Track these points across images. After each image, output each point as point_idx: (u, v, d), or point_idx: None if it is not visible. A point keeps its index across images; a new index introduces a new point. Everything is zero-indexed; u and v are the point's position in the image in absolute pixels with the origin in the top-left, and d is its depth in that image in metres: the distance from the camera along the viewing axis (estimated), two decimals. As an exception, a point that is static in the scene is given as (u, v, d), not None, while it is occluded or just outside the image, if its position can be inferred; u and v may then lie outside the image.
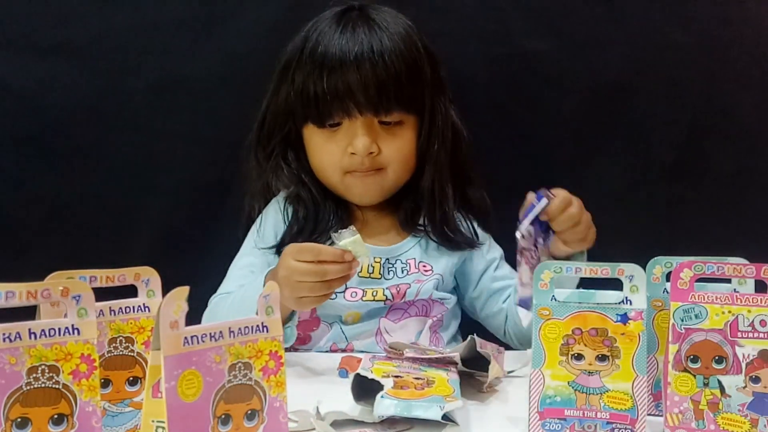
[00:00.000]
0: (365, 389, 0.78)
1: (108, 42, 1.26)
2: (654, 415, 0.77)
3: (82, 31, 1.26)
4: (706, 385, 0.72)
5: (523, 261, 0.95)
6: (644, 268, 0.75)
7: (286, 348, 1.07)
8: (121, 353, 0.67)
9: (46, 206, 1.28)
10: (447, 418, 0.75)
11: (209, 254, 1.29)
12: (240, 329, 0.57)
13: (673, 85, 1.29)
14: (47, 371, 0.53)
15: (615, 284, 0.74)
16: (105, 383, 0.66)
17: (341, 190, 1.13)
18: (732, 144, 1.30)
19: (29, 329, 0.52)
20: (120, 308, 0.67)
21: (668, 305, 0.74)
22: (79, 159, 1.28)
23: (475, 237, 1.17)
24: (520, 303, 0.96)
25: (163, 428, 0.52)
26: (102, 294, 0.63)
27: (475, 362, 0.88)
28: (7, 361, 0.51)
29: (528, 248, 0.95)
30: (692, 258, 0.74)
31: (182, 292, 0.53)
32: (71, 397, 0.54)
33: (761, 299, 0.72)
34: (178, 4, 1.27)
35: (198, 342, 0.54)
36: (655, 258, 0.80)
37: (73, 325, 0.54)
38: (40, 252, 1.26)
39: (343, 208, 1.14)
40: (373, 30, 1.07)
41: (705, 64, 1.29)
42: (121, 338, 0.67)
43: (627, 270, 0.73)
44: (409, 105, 1.09)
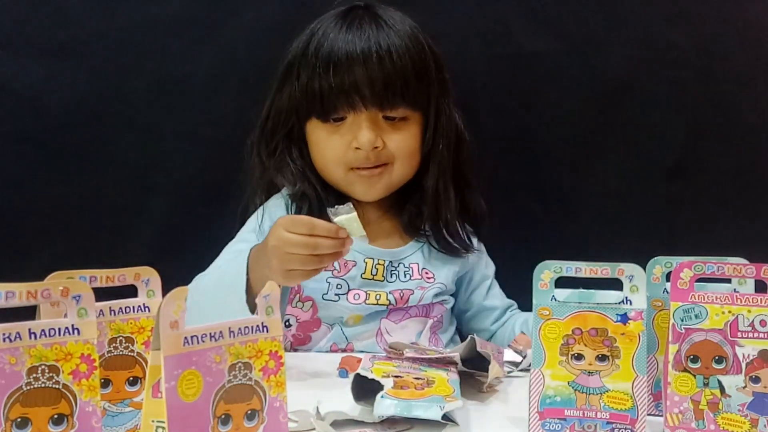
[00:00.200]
0: (365, 389, 0.78)
1: (108, 42, 1.26)
2: (654, 415, 0.77)
3: (82, 31, 1.26)
4: (706, 385, 0.72)
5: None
6: (644, 268, 0.75)
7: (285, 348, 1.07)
8: (121, 353, 0.67)
9: (46, 206, 1.28)
10: (447, 418, 0.75)
11: (209, 254, 1.29)
12: (240, 329, 0.57)
13: (673, 85, 1.29)
14: (47, 371, 0.53)
15: (615, 284, 0.74)
16: (105, 383, 0.66)
17: (344, 186, 1.12)
18: (732, 144, 1.30)
19: (29, 329, 0.52)
20: (120, 308, 0.67)
21: (668, 305, 0.74)
22: (79, 159, 1.28)
23: (470, 243, 1.17)
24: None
25: (163, 428, 0.52)
26: (102, 294, 0.63)
27: (475, 362, 0.88)
28: (7, 361, 0.51)
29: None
30: (692, 258, 0.74)
31: (182, 292, 0.53)
32: (71, 397, 0.54)
33: (761, 299, 0.72)
34: (178, 4, 1.27)
35: (198, 342, 0.54)
36: (655, 258, 0.80)
37: (73, 325, 0.54)
38: (40, 252, 1.26)
39: None
40: (381, 27, 1.08)
41: (705, 64, 1.29)
42: (121, 338, 0.67)
43: (627, 270, 0.73)
44: (415, 102, 1.09)
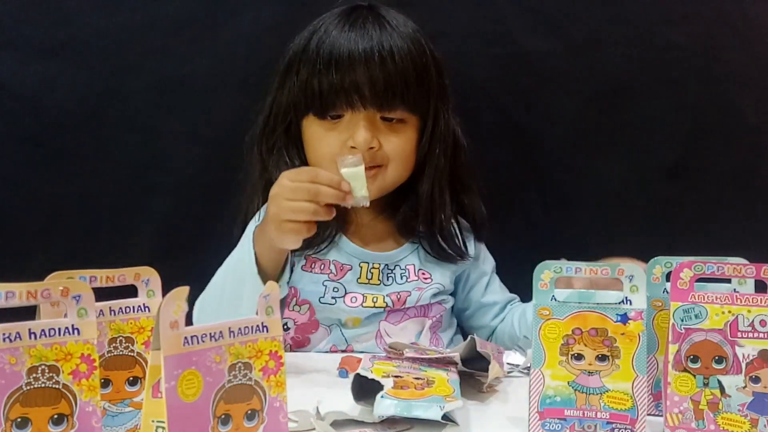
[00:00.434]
0: (365, 389, 0.78)
1: (108, 42, 1.26)
2: (654, 415, 0.77)
3: (82, 31, 1.26)
4: (706, 385, 0.72)
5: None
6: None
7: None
8: (121, 353, 0.67)
9: (46, 206, 1.28)
10: (447, 418, 0.75)
11: (209, 254, 1.28)
12: (240, 329, 0.57)
13: (673, 85, 1.29)
14: (47, 371, 0.53)
15: (615, 284, 0.74)
16: (105, 383, 0.66)
17: None
18: (732, 144, 1.30)
19: (29, 329, 0.52)
20: (120, 308, 0.67)
21: (668, 305, 0.74)
22: (79, 159, 1.28)
23: (465, 250, 1.16)
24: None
25: (163, 428, 0.52)
26: (102, 294, 0.63)
27: (475, 362, 0.88)
28: (7, 361, 0.51)
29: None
30: (692, 258, 0.74)
31: (182, 292, 0.53)
32: (71, 397, 0.54)
33: (761, 299, 0.72)
34: (178, 4, 1.27)
35: (198, 342, 0.54)
36: (655, 258, 0.80)
37: (73, 325, 0.54)
38: (40, 252, 1.26)
39: (340, 211, 1.14)
40: (384, 28, 1.08)
41: (705, 64, 1.29)
42: (121, 338, 0.67)
43: (627, 270, 0.73)
44: (413, 105, 1.08)
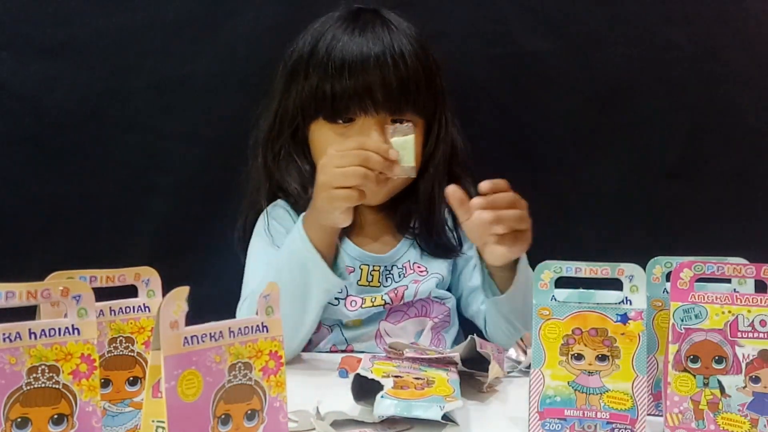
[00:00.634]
0: (365, 389, 0.78)
1: (108, 42, 1.26)
2: (654, 415, 0.77)
3: (82, 31, 1.26)
4: (706, 385, 0.72)
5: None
6: (644, 268, 0.75)
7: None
8: (121, 353, 0.67)
9: (46, 206, 1.28)
10: (447, 418, 0.75)
11: (209, 254, 1.29)
12: (240, 329, 0.57)
13: (673, 85, 1.29)
14: (47, 371, 0.53)
15: (615, 284, 0.74)
16: (105, 383, 0.66)
17: None
18: (732, 144, 1.30)
19: (29, 329, 0.52)
20: (120, 308, 0.67)
21: (668, 305, 0.74)
22: (79, 159, 1.28)
23: (459, 242, 1.16)
24: None
25: (163, 428, 0.52)
26: (102, 294, 0.63)
27: (475, 362, 0.88)
28: (7, 361, 0.51)
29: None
30: (692, 258, 0.74)
31: (182, 292, 0.53)
32: (71, 397, 0.54)
33: (761, 299, 0.72)
34: (178, 4, 1.27)
35: (198, 342, 0.54)
36: (655, 258, 0.80)
37: (73, 325, 0.54)
38: (40, 252, 1.26)
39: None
40: (392, 31, 1.08)
41: (705, 64, 1.29)
42: (121, 338, 0.67)
43: (627, 270, 0.73)
44: (422, 108, 1.09)
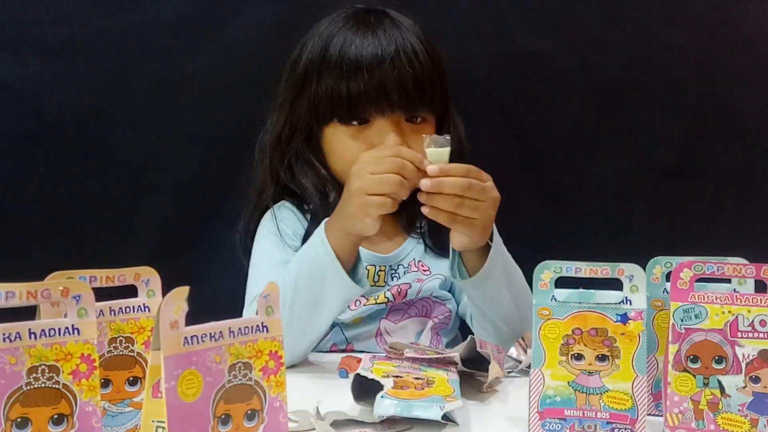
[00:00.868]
0: (365, 389, 0.78)
1: (108, 42, 1.26)
2: (654, 415, 0.77)
3: (83, 31, 1.26)
4: (706, 385, 0.72)
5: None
6: (644, 268, 0.75)
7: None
8: (121, 353, 0.67)
9: (46, 206, 1.28)
10: (447, 418, 0.75)
11: (209, 254, 1.29)
12: (240, 329, 0.57)
13: (673, 85, 1.29)
14: (47, 371, 0.53)
15: (615, 284, 0.74)
16: (105, 383, 0.66)
17: None
18: (732, 144, 1.30)
19: (29, 329, 0.52)
20: (120, 308, 0.67)
21: (668, 305, 0.74)
22: (79, 159, 1.28)
23: None
24: None
25: (163, 428, 0.52)
26: (102, 294, 0.62)
27: (475, 362, 0.88)
28: (7, 361, 0.51)
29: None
30: (692, 258, 0.74)
31: (182, 292, 0.53)
32: (71, 397, 0.54)
33: (761, 299, 0.72)
34: (178, 4, 1.27)
35: (198, 342, 0.54)
36: (655, 258, 0.80)
37: (73, 325, 0.54)
38: (40, 252, 1.26)
39: None
40: (401, 30, 1.08)
41: (705, 64, 1.29)
42: (121, 338, 0.67)
43: (627, 270, 0.73)
44: (434, 105, 1.10)
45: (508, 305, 1.02)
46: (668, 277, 0.76)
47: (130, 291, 0.68)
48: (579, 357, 0.73)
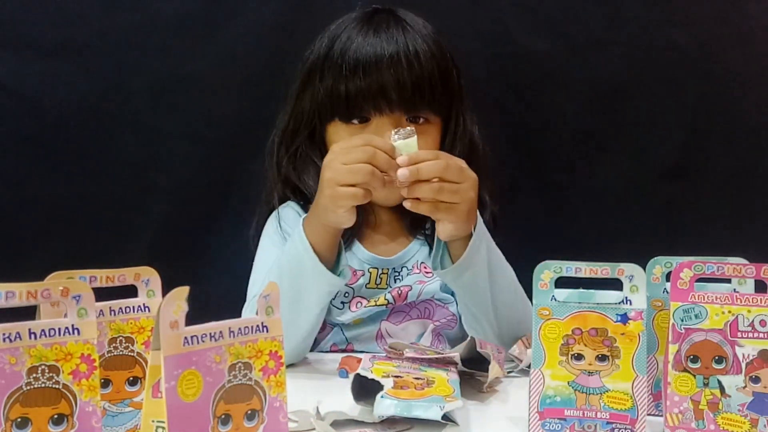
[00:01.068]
0: (365, 389, 0.78)
1: (108, 42, 1.26)
2: (654, 415, 0.77)
3: (82, 31, 1.26)
4: (706, 385, 0.72)
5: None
6: (644, 268, 0.75)
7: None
8: (121, 353, 0.67)
9: (46, 206, 1.28)
10: (447, 418, 0.75)
11: (209, 254, 1.29)
12: (240, 329, 0.57)
13: (673, 85, 1.29)
14: (47, 371, 0.53)
15: (615, 284, 0.74)
16: (105, 383, 0.66)
17: None
18: (732, 144, 1.30)
19: (29, 329, 0.52)
20: (120, 308, 0.67)
21: (668, 305, 0.74)
22: (79, 159, 1.28)
23: None
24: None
25: (163, 428, 0.52)
26: (102, 294, 0.63)
27: (475, 362, 0.88)
28: (7, 361, 0.51)
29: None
30: (692, 258, 0.74)
31: (182, 292, 0.53)
32: (71, 397, 0.54)
33: (761, 299, 0.72)
34: (179, 4, 1.27)
35: (198, 342, 0.54)
36: (655, 258, 0.80)
37: (73, 325, 0.54)
38: (40, 252, 1.26)
39: (360, 209, 1.13)
40: (407, 31, 1.08)
41: (705, 64, 1.29)
42: (121, 338, 0.67)
43: (627, 270, 0.73)
44: (438, 107, 1.09)
45: (489, 299, 1.00)
46: (668, 277, 0.76)
47: (130, 291, 0.68)
48: (579, 357, 0.73)
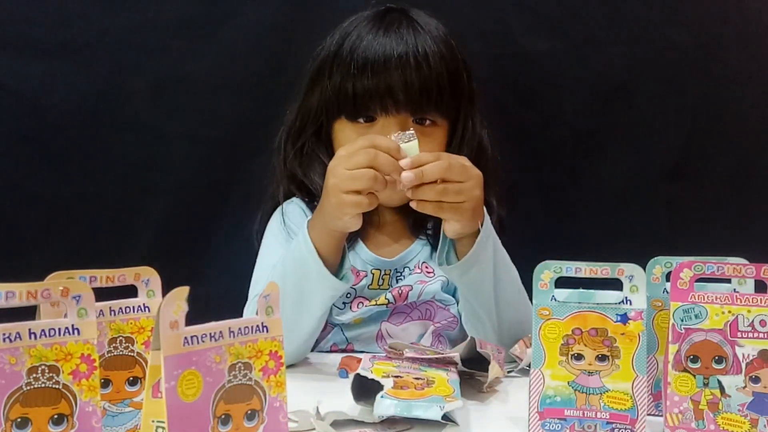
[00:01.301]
0: (365, 389, 0.78)
1: (108, 42, 1.26)
2: (654, 415, 0.77)
3: (82, 31, 1.26)
4: (706, 385, 0.72)
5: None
6: (644, 268, 0.75)
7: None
8: (121, 353, 0.67)
9: (46, 206, 1.28)
10: (447, 418, 0.75)
11: (209, 254, 1.29)
12: (240, 329, 0.57)
13: (673, 85, 1.29)
14: (47, 371, 0.53)
15: (615, 284, 0.74)
16: (105, 383, 0.66)
17: None
18: (732, 144, 1.30)
19: (29, 329, 0.52)
20: (120, 308, 0.67)
21: (668, 305, 0.74)
22: (79, 159, 1.28)
23: None
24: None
25: (163, 428, 0.52)
26: (102, 294, 0.63)
27: (475, 362, 0.88)
28: (7, 361, 0.51)
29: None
30: (692, 258, 0.74)
31: (182, 292, 0.53)
32: (71, 397, 0.54)
33: (761, 299, 0.72)
34: (178, 4, 1.27)
35: (198, 342, 0.54)
36: (655, 258, 0.80)
37: (73, 325, 0.54)
38: (40, 252, 1.26)
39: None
40: (417, 32, 1.08)
41: (705, 64, 1.29)
42: (121, 338, 0.67)
43: (627, 270, 0.73)
44: (445, 109, 1.09)
45: (492, 297, 1.00)
46: (668, 277, 0.76)
47: (130, 291, 0.68)
48: (579, 357, 0.73)
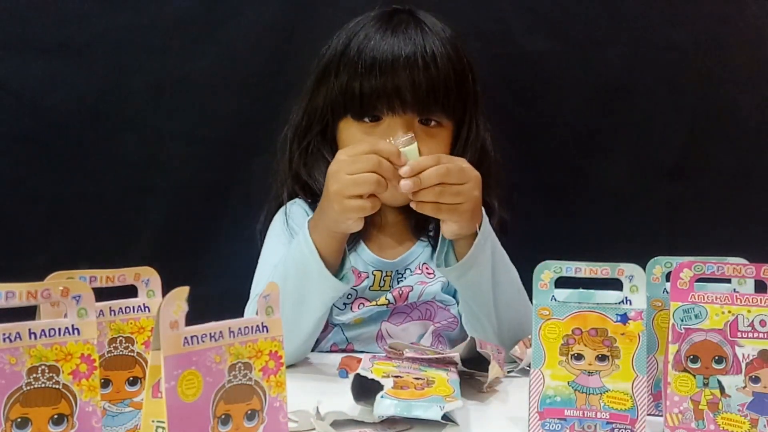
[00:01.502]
0: (365, 389, 0.78)
1: (108, 42, 1.26)
2: (654, 415, 0.77)
3: (82, 31, 1.26)
4: (706, 385, 0.72)
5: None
6: (644, 268, 0.75)
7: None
8: (121, 353, 0.67)
9: (46, 206, 1.28)
10: (447, 418, 0.75)
11: (209, 254, 1.29)
12: (240, 329, 0.57)
13: (673, 85, 1.29)
14: (47, 371, 0.53)
15: (615, 284, 0.74)
16: (105, 383, 0.66)
17: None
18: (732, 144, 1.30)
19: (29, 329, 0.52)
20: (120, 308, 0.67)
21: (668, 305, 0.74)
22: (79, 159, 1.28)
23: None
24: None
25: (163, 428, 0.52)
26: (102, 294, 0.63)
27: (475, 362, 0.88)
28: (7, 361, 0.51)
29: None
30: (692, 258, 0.74)
31: (182, 292, 0.53)
32: (71, 397, 0.54)
33: (761, 299, 0.72)
34: (178, 4, 1.27)
35: (198, 342, 0.54)
36: (655, 258, 0.80)
37: (73, 325, 0.54)
38: (40, 252, 1.26)
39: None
40: (425, 32, 1.08)
41: (705, 64, 1.29)
42: (121, 338, 0.67)
43: (627, 270, 0.73)
44: (451, 110, 1.09)
45: (491, 299, 1.00)
46: (668, 277, 0.76)
47: (130, 291, 0.68)
48: (579, 357, 0.73)
